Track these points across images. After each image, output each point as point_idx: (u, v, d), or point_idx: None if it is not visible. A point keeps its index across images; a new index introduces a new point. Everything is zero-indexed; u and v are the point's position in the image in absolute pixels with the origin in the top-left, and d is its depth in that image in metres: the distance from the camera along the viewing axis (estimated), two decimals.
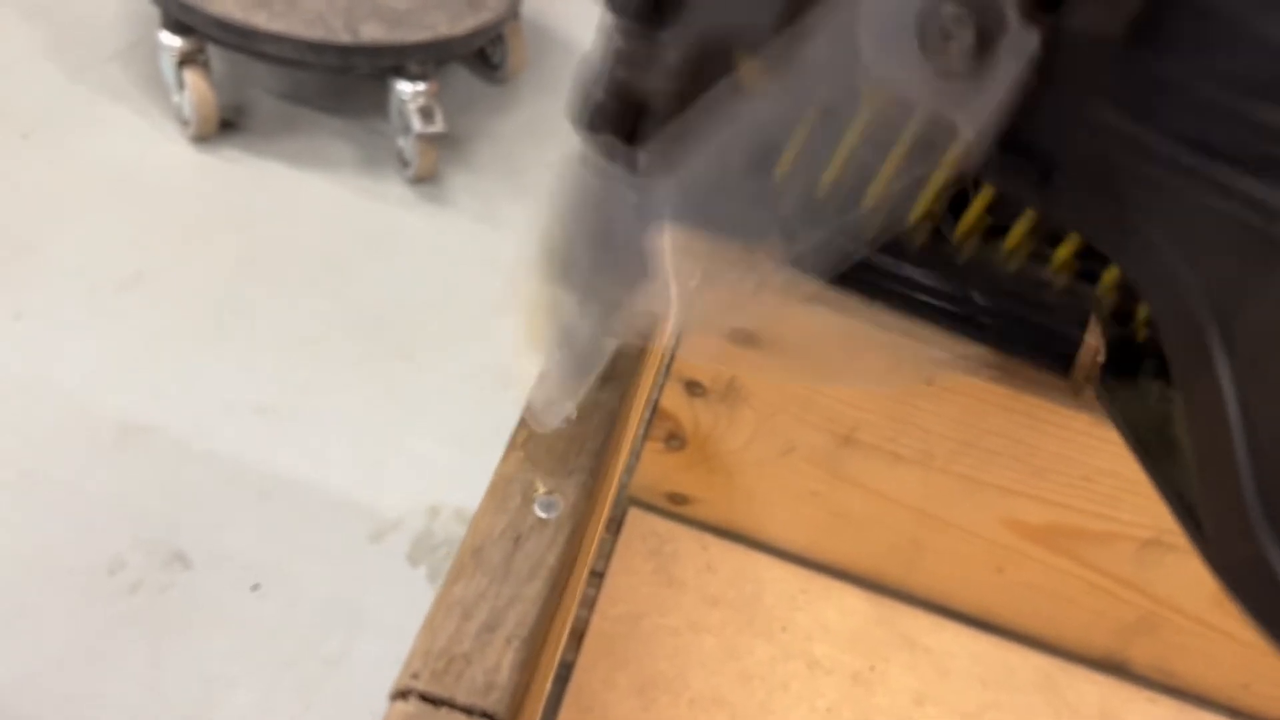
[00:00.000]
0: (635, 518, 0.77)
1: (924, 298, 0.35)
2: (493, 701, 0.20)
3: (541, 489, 0.25)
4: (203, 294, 1.00)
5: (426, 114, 1.10)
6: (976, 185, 0.29)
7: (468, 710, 0.20)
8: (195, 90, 1.08)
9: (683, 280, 0.31)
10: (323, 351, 0.99)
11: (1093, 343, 0.36)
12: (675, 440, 0.73)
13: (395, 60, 1.09)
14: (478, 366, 0.99)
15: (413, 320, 1.03)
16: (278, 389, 0.95)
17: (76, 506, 0.83)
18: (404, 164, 1.16)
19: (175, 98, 1.12)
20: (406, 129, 1.12)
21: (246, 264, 1.04)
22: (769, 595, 0.74)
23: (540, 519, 0.24)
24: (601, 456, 0.26)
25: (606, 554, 0.75)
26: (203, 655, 0.77)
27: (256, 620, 0.80)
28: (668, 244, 0.30)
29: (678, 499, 0.77)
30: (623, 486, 0.77)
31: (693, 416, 0.71)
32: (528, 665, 0.22)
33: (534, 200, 1.03)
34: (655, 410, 0.71)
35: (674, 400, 0.71)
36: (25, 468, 0.84)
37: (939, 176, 0.27)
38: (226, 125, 1.16)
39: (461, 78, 1.32)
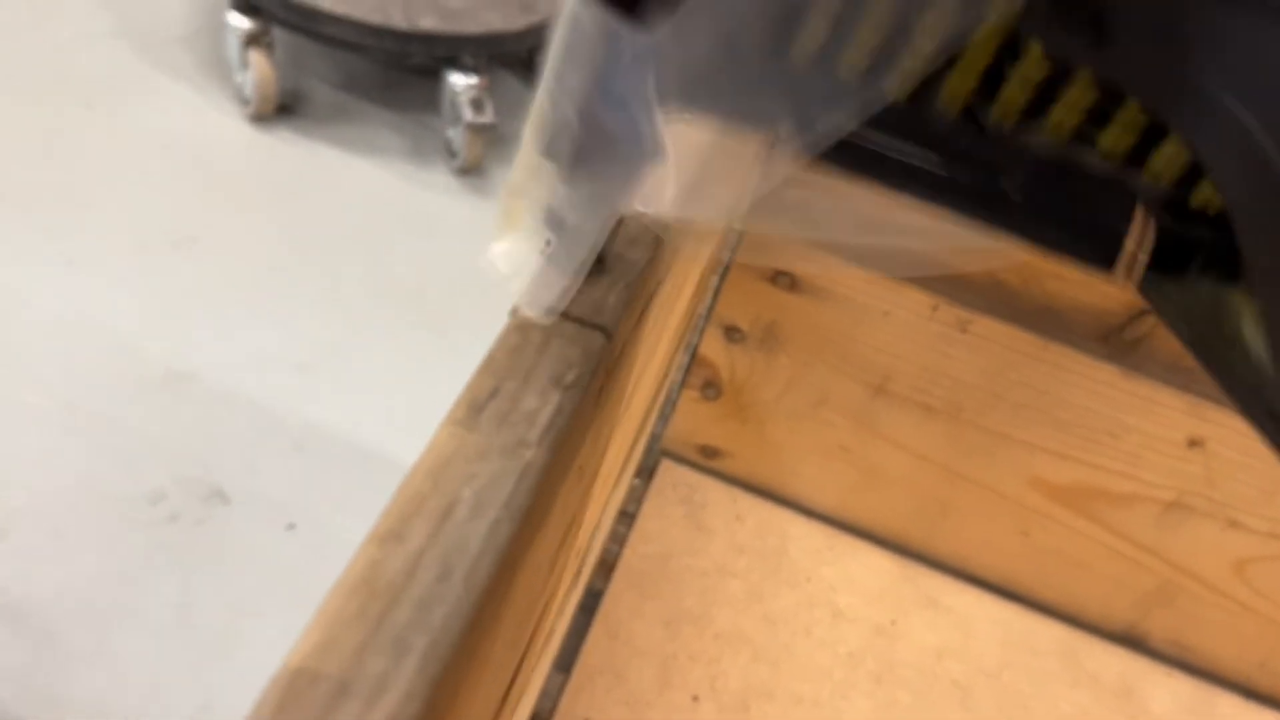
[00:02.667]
0: (667, 468, 0.79)
1: (955, 183, 0.32)
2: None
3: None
4: (250, 258, 1.04)
5: (478, 105, 1.14)
6: (1014, 57, 0.27)
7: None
8: (258, 70, 1.12)
9: (683, 166, 0.28)
10: (359, 318, 1.01)
11: (1138, 233, 0.33)
12: (711, 389, 0.75)
13: (450, 51, 1.13)
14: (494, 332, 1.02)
15: (444, 296, 1.06)
16: (316, 349, 0.97)
17: (120, 441, 0.85)
18: (451, 154, 1.20)
19: (238, 77, 1.16)
20: (457, 119, 1.16)
21: (293, 234, 1.07)
22: (794, 549, 0.76)
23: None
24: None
25: (638, 498, 0.76)
26: (233, 587, 0.78)
27: (287, 558, 0.81)
28: (667, 125, 0.27)
29: (709, 452, 0.79)
30: (655, 438, 0.79)
31: (730, 363, 0.73)
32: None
33: None
34: (694, 357, 0.74)
35: (713, 346, 0.73)
36: (71, 401, 0.86)
37: (975, 47, 0.25)
38: (283, 109, 1.20)
39: (509, 83, 1.36)
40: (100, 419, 0.86)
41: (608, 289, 0.23)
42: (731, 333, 0.71)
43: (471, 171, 1.21)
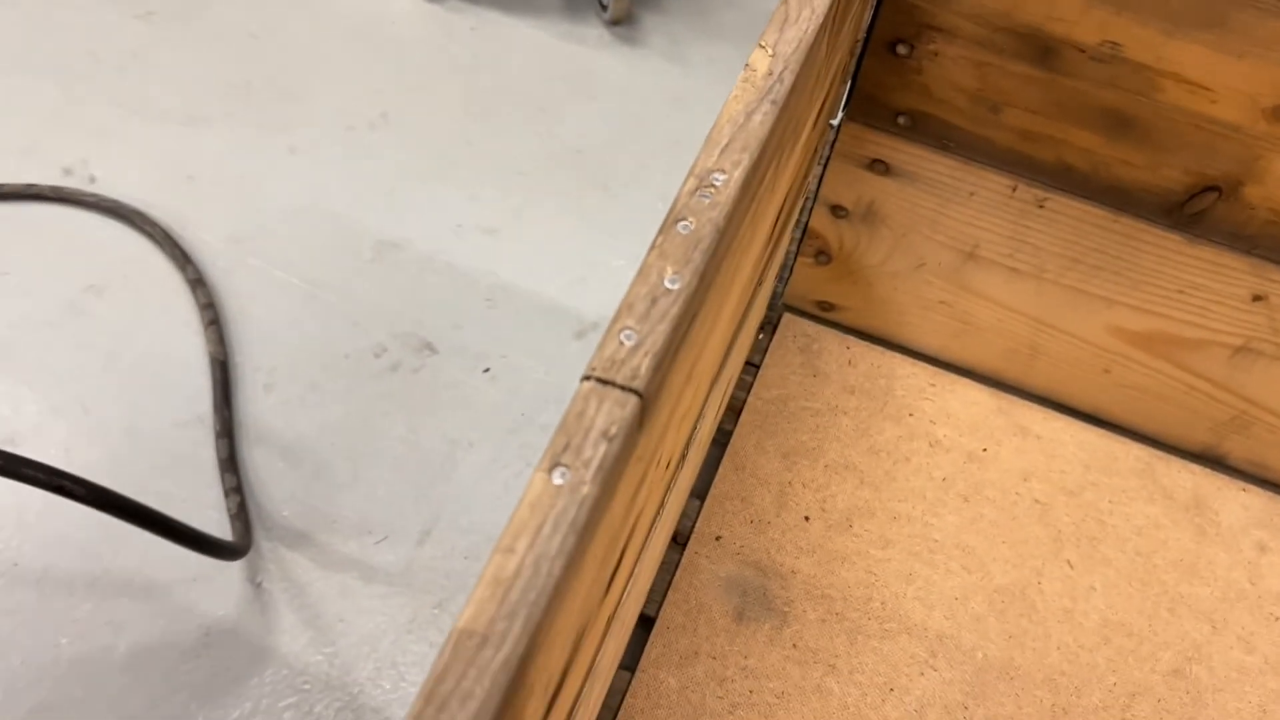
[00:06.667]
0: (788, 321, 0.91)
1: None
2: (637, 384, 0.35)
3: (670, 270, 0.39)
4: (435, 133, 1.19)
5: None
6: None
7: (622, 388, 0.35)
8: None
9: None
10: (534, 182, 1.16)
11: None
12: (823, 256, 0.86)
13: None
14: (658, 195, 1.14)
15: (607, 154, 1.18)
16: (498, 213, 1.13)
17: (347, 306, 1.04)
18: (602, 7, 1.29)
19: None
20: None
21: (471, 104, 1.21)
22: (900, 388, 0.87)
23: (667, 289, 0.39)
24: (714, 252, 0.40)
25: (763, 350, 0.90)
26: (446, 423, 0.98)
27: (487, 397, 1.00)
28: None
29: (825, 306, 0.91)
30: (777, 295, 0.91)
31: (838, 235, 0.84)
32: (661, 366, 0.37)
33: (717, 39, 1.23)
34: (805, 231, 0.84)
35: (821, 222, 0.83)
36: (309, 275, 1.06)
37: None
38: None
39: None
40: (330, 288, 1.05)
41: (643, 356, 0.35)
42: (837, 210, 0.81)
43: (622, 23, 1.29)
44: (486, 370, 1.01)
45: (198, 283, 1.02)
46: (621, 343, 0.36)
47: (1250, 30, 0.57)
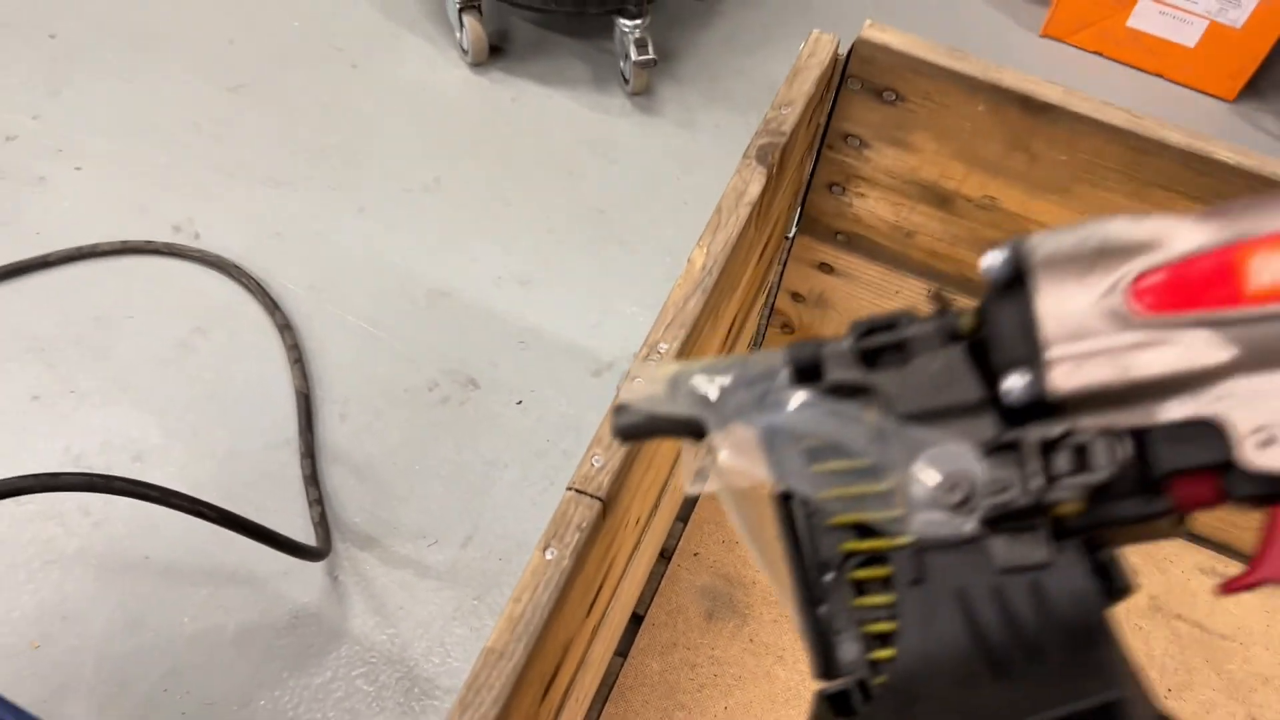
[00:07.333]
0: None
1: None
2: (601, 493, 0.57)
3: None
4: (478, 193, 1.40)
5: (641, 45, 1.41)
6: None
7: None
8: (471, 31, 1.44)
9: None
10: (562, 237, 1.37)
11: None
12: (787, 328, 1.06)
13: (619, 2, 1.40)
14: (667, 250, 1.34)
15: (625, 211, 1.39)
16: (533, 266, 1.34)
17: (404, 346, 1.26)
18: (625, 81, 1.49)
19: (457, 34, 1.49)
20: (626, 55, 1.44)
21: (510, 167, 1.42)
22: None
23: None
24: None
25: None
26: (486, 446, 1.20)
27: (519, 425, 1.21)
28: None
29: None
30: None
31: (798, 314, 1.04)
32: (619, 478, 0.58)
33: (725, 108, 1.50)
34: (773, 309, 1.05)
35: (785, 303, 1.04)
36: (374, 319, 1.28)
37: None
38: (494, 50, 1.52)
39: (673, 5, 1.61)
40: (391, 330, 1.27)
41: (606, 474, 0.56)
42: (796, 296, 1.01)
43: (640, 94, 1.49)
44: (519, 403, 1.23)
45: (285, 326, 1.24)
46: (592, 464, 0.57)
47: (1085, 196, 0.77)
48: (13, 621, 1.03)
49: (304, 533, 1.10)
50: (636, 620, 0.96)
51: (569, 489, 0.56)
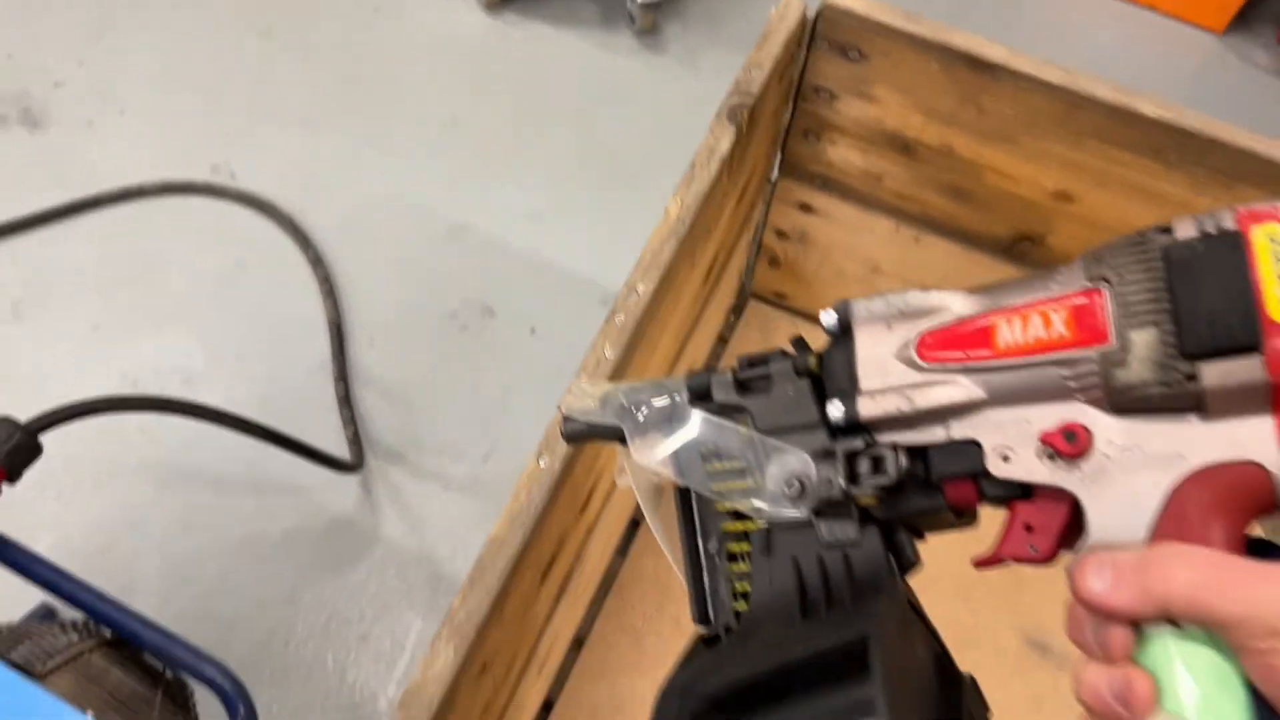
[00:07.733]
0: (752, 306, 1.21)
1: None
2: None
3: (608, 349, 0.70)
4: (493, 133, 1.49)
5: None
6: None
7: None
8: None
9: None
10: (573, 176, 1.46)
11: None
12: (775, 263, 1.16)
13: None
14: (670, 188, 1.43)
15: (631, 151, 1.47)
16: (544, 203, 1.43)
17: (427, 278, 1.37)
18: (631, 20, 1.56)
19: None
20: None
21: (521, 110, 1.51)
22: None
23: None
24: (635, 332, 0.71)
25: (731, 327, 1.20)
26: (503, 371, 1.31)
27: (533, 351, 1.32)
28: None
29: (779, 295, 1.21)
30: (744, 286, 1.21)
31: (783, 250, 1.13)
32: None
33: (727, 48, 1.62)
34: (760, 246, 1.14)
35: (770, 240, 1.13)
36: (398, 254, 1.38)
37: None
38: None
39: None
40: (415, 264, 1.37)
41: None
42: (780, 233, 1.10)
43: (647, 33, 1.56)
44: (532, 330, 1.33)
45: (316, 261, 1.35)
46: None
47: (1033, 144, 0.85)
48: (85, 526, 1.17)
49: (339, 449, 1.22)
50: (634, 525, 1.07)
51: (558, 409, 0.67)
